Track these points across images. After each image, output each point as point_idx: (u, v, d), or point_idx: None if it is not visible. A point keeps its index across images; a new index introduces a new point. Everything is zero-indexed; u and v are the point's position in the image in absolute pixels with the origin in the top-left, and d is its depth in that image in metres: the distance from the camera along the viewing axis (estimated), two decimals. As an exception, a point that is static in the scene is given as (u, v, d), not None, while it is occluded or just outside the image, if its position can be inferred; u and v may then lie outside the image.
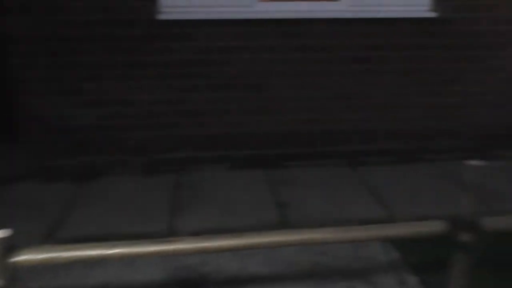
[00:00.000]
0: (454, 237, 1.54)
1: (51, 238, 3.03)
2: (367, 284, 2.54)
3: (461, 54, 4.02)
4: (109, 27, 3.65)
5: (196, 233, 3.05)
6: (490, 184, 3.55)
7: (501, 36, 4.03)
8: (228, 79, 3.87)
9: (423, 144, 4.22)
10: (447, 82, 4.10)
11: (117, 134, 3.89)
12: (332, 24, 3.83)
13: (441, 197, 3.47)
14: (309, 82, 3.95)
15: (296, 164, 4.06)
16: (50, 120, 3.81)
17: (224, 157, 4.03)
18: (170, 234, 3.06)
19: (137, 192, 3.62)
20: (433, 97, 4.12)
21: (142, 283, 2.59)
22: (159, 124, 3.91)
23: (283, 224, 3.15)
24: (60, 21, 3.60)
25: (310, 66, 3.91)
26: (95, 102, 3.81)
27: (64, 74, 3.72)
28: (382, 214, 3.26)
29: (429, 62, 4.02)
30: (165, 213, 3.30)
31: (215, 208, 3.36)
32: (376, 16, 3.85)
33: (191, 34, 3.73)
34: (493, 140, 4.28)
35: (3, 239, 0.95)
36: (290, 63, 3.89)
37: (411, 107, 4.13)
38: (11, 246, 0.95)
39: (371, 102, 4.06)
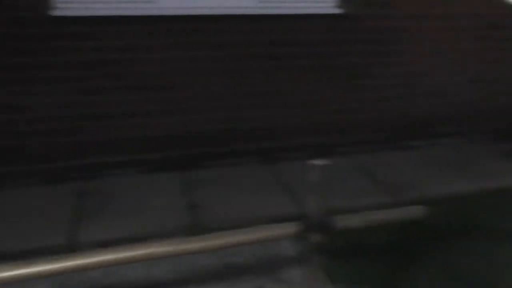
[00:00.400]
0: (305, 238, 1.54)
1: None
2: (275, 281, 2.52)
3: (367, 49, 4.14)
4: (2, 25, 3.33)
5: (101, 245, 2.86)
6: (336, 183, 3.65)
7: (405, 31, 4.20)
8: (136, 80, 3.69)
9: (337, 138, 4.31)
10: (355, 76, 4.20)
11: (14, 142, 3.57)
12: (240, 21, 3.77)
13: (357, 190, 3.55)
14: (220, 80, 3.87)
15: (211, 164, 3.97)
16: None
17: (136, 161, 3.85)
18: (70, 247, 2.85)
19: (38, 204, 3.35)
20: (343, 92, 4.21)
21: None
22: (61, 129, 3.63)
23: (195, 228, 3.05)
24: None
25: (221, 64, 3.83)
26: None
27: None
28: (294, 211, 3.25)
29: (337, 57, 4.09)
30: (67, 224, 3.08)
31: (123, 215, 3.19)
32: (284, 12, 3.85)
33: (92, 32, 3.49)
34: (402, 131, 4.48)
35: None
36: (200, 61, 3.78)
37: (322, 102, 4.19)
38: None
39: (284, 98, 4.07)
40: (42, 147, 3.64)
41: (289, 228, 1.52)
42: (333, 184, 3.53)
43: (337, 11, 3.97)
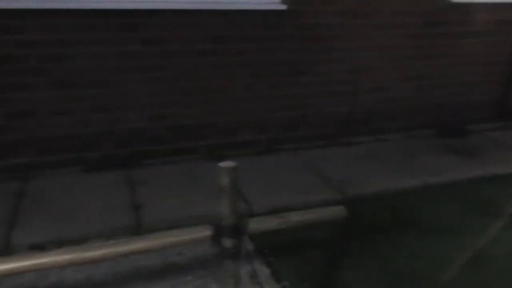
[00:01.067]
0: (218, 242, 1.54)
1: None
2: (218, 281, 2.50)
3: (309, 46, 4.19)
4: None
5: (37, 247, 2.76)
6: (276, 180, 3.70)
7: (346, 29, 4.28)
8: (68, 76, 3.51)
9: (282, 134, 4.35)
10: (296, 73, 4.24)
11: None
12: (178, 16, 3.69)
13: (301, 187, 3.59)
14: (157, 77, 3.77)
15: (153, 162, 3.90)
16: None
17: (74, 160, 3.70)
18: (6, 249, 2.71)
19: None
20: (285, 88, 4.24)
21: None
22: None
23: (136, 228, 2.98)
24: None
25: (158, 60, 3.73)
26: None
27: None
28: (241, 207, 3.25)
29: (279, 54, 4.11)
30: (2, 226, 2.91)
31: (61, 216, 3.06)
32: (225, 8, 3.80)
33: (17, 25, 3.30)
34: (344, 127, 4.58)
35: None
36: (136, 57, 3.65)
37: (265, 99, 4.20)
38: None
39: (225, 95, 4.04)
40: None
41: (201, 233, 1.51)
42: (273, 181, 3.61)
43: (280, 7, 3.99)
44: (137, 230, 2.97)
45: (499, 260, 2.76)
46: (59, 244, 2.76)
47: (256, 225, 1.58)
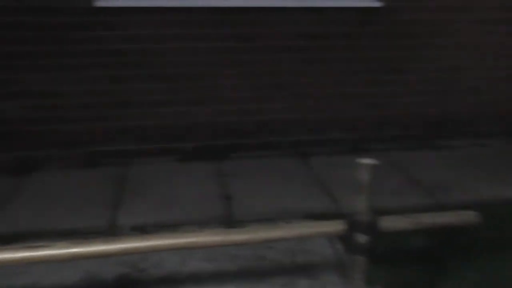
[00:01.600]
0: (351, 238, 1.52)
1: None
2: (309, 278, 2.52)
3: (402, 43, 4.07)
4: (42, 15, 3.44)
5: (139, 229, 2.97)
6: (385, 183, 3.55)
7: (445, 25, 4.10)
8: (167, 69, 3.75)
9: (371, 134, 4.26)
10: (389, 71, 4.14)
11: (54, 127, 3.70)
12: (271, 13, 3.76)
13: (395, 190, 3.49)
14: (250, 72, 3.88)
15: (243, 155, 4.00)
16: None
17: (169, 149, 3.93)
18: (110, 229, 2.95)
19: (77, 186, 3.46)
20: (376, 86, 4.15)
21: (80, 278, 2.48)
22: (98, 115, 3.75)
23: (228, 218, 3.09)
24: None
25: (251, 55, 3.84)
26: (25, 94, 3.60)
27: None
28: (328, 206, 3.25)
29: (371, 51, 4.04)
30: (106, 207, 3.17)
31: (159, 202, 3.26)
32: (318, 5, 3.81)
33: (127, 22, 3.57)
34: (436, 128, 4.38)
35: None
36: (232, 52, 3.80)
37: (354, 97, 4.15)
38: None
39: (315, 91, 4.05)
40: (79, 132, 3.76)
41: (334, 227, 1.51)
42: (382, 183, 3.53)
43: (375, 4, 3.90)
44: (228, 220, 3.08)
45: None
46: (158, 227, 2.96)
47: (389, 223, 1.56)
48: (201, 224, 3.01)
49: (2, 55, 3.48)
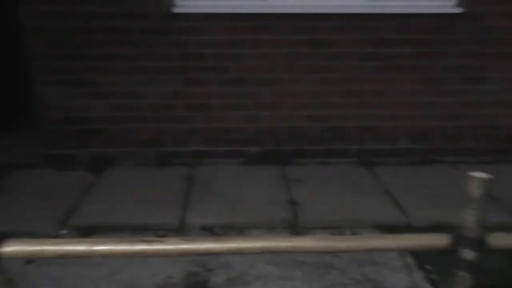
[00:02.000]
0: (457, 253, 1.44)
1: (64, 226, 3.04)
2: (377, 289, 2.46)
3: (485, 50, 3.86)
4: (123, 20, 3.63)
5: (207, 229, 3.04)
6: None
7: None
8: (241, 74, 3.81)
9: (443, 145, 4.08)
10: (468, 80, 3.94)
11: (129, 126, 3.89)
12: (346, 20, 3.72)
13: (461, 202, 3.33)
14: (322, 78, 3.86)
15: (308, 161, 3.98)
16: (64, 110, 3.83)
17: (238, 152, 3.99)
18: (180, 227, 3.04)
19: (149, 184, 3.61)
20: (451, 96, 3.97)
21: (150, 273, 2.58)
22: (171, 117, 3.89)
23: (294, 224, 3.09)
24: (76, 13, 3.60)
25: (324, 61, 3.82)
26: (108, 94, 3.81)
27: (79, 65, 3.72)
28: (397, 218, 3.15)
29: (448, 59, 3.87)
30: (176, 206, 3.28)
31: (227, 203, 3.32)
32: (394, 11, 3.72)
33: (204, 27, 3.68)
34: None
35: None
36: (304, 58, 3.80)
37: (428, 106, 3.99)
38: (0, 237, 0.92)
39: (388, 99, 3.95)
40: (152, 132, 3.91)
41: (436, 240, 1.45)
42: (430, 194, 3.39)
43: (455, 10, 3.74)
44: (293, 226, 3.07)
45: None
46: (226, 229, 3.02)
47: (498, 241, 1.47)
48: (267, 228, 3.03)
49: (88, 57, 3.71)
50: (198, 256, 2.72)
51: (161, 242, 0.84)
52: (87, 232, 2.99)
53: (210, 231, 3.00)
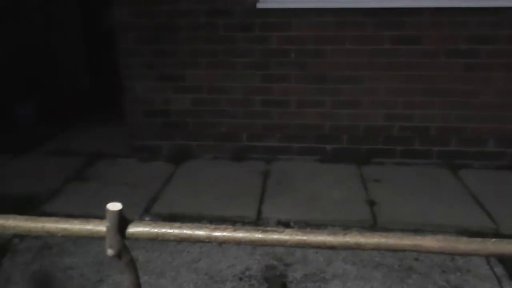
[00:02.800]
0: None
1: (146, 213, 3.22)
2: (464, 297, 2.35)
3: None
4: (208, 17, 3.74)
5: (283, 223, 3.07)
6: None
7: None
8: (321, 70, 3.78)
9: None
10: None
11: (208, 120, 4.01)
12: (435, 14, 3.55)
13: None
14: (407, 76, 3.72)
15: (386, 161, 3.87)
16: (148, 103, 4.02)
17: (314, 149, 3.97)
18: (258, 220, 3.10)
19: (226, 177, 3.71)
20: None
21: (228, 264, 2.65)
22: (249, 112, 3.95)
23: (372, 224, 3.02)
24: (164, 10, 3.77)
25: (409, 58, 3.67)
26: (191, 88, 3.95)
27: (165, 60, 3.89)
28: (484, 224, 2.98)
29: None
30: (252, 199, 3.34)
31: (303, 199, 3.33)
32: (493, 5, 3.48)
33: (287, 23, 3.69)
34: None
35: (117, 212, 0.99)
36: (387, 55, 3.68)
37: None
38: (123, 219, 0.99)
39: (477, 100, 3.72)
40: (231, 126, 4.01)
41: None
42: None
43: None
44: (372, 226, 3.01)
45: None
46: (302, 224, 3.03)
47: None
48: (344, 227, 3.00)
49: (173, 53, 3.88)
50: (275, 249, 2.76)
51: (276, 231, 0.87)
52: (167, 220, 3.13)
53: (286, 226, 3.03)
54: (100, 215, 1.04)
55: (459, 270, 2.57)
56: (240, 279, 2.54)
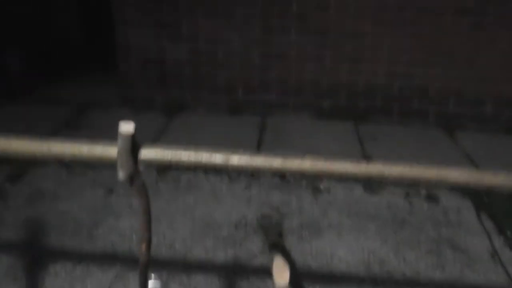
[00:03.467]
0: None
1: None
2: (455, 251, 2.40)
3: None
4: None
5: (280, 174, 3.06)
6: None
7: None
8: (323, 24, 3.69)
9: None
10: None
11: (204, 71, 3.92)
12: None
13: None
14: (411, 33, 3.65)
15: (383, 120, 3.86)
16: (142, 51, 3.90)
17: (309, 105, 3.93)
18: (254, 171, 3.09)
19: (221, 130, 3.67)
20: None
21: (225, 212, 2.66)
22: (248, 65, 3.87)
23: (369, 183, 3.04)
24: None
25: (414, 15, 3.59)
26: (188, 37, 3.83)
27: (162, 6, 3.75)
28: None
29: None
30: (250, 151, 3.31)
31: (297, 153, 3.29)
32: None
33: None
34: None
35: (130, 135, 0.94)
36: (392, 11, 3.60)
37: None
38: (135, 142, 0.95)
39: (480, 61, 3.68)
40: (228, 79, 3.93)
41: None
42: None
43: None
44: (366, 182, 3.03)
45: None
46: (298, 175, 3.03)
47: None
48: (340, 179, 3.01)
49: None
50: (271, 199, 2.77)
51: (297, 158, 0.84)
52: (162, 168, 3.11)
53: (282, 177, 3.03)
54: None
55: (450, 224, 2.61)
56: (236, 226, 2.55)
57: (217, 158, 0.95)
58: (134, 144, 0.97)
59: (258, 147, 3.40)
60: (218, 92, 3.97)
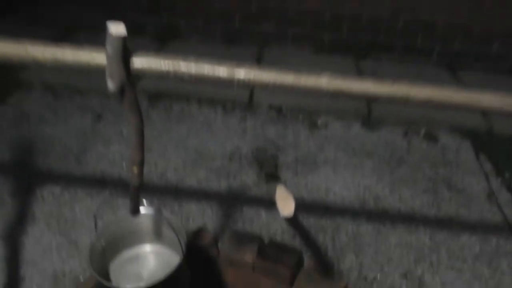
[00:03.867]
0: None
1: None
2: (451, 190, 2.37)
3: None
4: None
5: (275, 108, 2.97)
6: None
7: None
8: None
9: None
10: None
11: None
12: None
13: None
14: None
15: (386, 56, 3.70)
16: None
17: (311, 37, 3.74)
18: (249, 103, 2.99)
19: (217, 60, 3.49)
20: None
21: (218, 143, 2.58)
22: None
23: (366, 114, 2.96)
24: None
25: None
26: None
27: None
28: (479, 124, 2.93)
29: None
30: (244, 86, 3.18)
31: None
32: None
33: None
34: None
35: (121, 38, 0.81)
36: None
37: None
38: (127, 48, 0.82)
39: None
40: (224, 7, 3.68)
41: None
42: None
43: None
44: (366, 117, 2.94)
45: None
46: (295, 110, 2.94)
47: None
48: (338, 116, 2.92)
49: None
50: (266, 132, 2.69)
51: (312, 76, 0.74)
52: (153, 97, 2.98)
53: (278, 111, 2.93)
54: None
55: (448, 164, 2.57)
56: (230, 158, 2.48)
57: (221, 71, 0.84)
58: (126, 50, 0.84)
59: (254, 79, 3.25)
60: (213, 20, 3.73)
